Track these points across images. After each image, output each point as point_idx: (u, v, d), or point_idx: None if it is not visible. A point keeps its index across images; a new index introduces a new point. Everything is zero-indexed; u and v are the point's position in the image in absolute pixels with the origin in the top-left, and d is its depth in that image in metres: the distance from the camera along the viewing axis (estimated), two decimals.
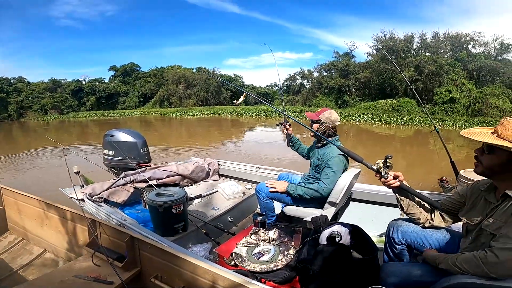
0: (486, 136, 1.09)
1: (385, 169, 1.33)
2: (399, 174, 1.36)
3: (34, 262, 2.06)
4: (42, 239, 2.13)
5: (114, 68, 48.27)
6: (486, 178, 1.20)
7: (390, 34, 28.84)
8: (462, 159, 7.61)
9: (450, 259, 1.12)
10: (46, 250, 2.13)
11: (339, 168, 2.09)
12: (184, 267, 1.28)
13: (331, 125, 2.19)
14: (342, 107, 28.39)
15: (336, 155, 2.09)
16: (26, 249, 2.19)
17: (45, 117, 36.47)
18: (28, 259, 2.08)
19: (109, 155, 3.35)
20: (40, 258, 2.09)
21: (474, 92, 22.64)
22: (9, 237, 2.33)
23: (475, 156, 1.18)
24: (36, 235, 2.16)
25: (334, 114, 2.24)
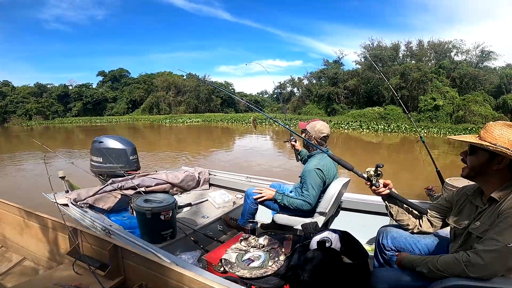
0: (471, 138, 1.16)
1: (376, 177, 1.35)
2: (388, 182, 1.38)
3: (12, 270, 1.97)
4: (21, 247, 2.05)
5: (103, 74, 47.67)
6: (472, 181, 1.24)
7: (377, 42, 29.74)
8: (448, 165, 7.83)
9: (430, 262, 1.13)
10: (26, 258, 2.05)
11: (315, 181, 2.04)
12: (169, 275, 1.25)
13: (314, 135, 2.16)
14: (331, 115, 28.81)
15: (312, 168, 2.05)
16: (4, 256, 2.10)
17: (29, 122, 35.41)
18: (6, 266, 1.99)
19: (97, 161, 3.28)
20: (19, 266, 2.00)
21: (457, 99, 23.40)
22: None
23: (461, 159, 1.23)
24: (15, 243, 2.08)
25: (319, 124, 2.19)
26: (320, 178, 2.06)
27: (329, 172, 2.11)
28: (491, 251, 0.99)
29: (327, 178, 2.11)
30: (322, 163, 2.09)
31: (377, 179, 1.36)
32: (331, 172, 2.15)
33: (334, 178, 2.20)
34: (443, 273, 1.08)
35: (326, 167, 2.10)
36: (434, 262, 1.12)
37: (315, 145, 2.14)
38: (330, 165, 2.14)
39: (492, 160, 1.10)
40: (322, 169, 2.06)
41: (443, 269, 1.08)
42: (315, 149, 2.19)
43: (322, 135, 2.17)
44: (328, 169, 2.11)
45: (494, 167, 1.10)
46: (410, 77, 24.62)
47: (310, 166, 2.09)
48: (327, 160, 2.13)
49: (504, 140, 1.06)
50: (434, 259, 1.14)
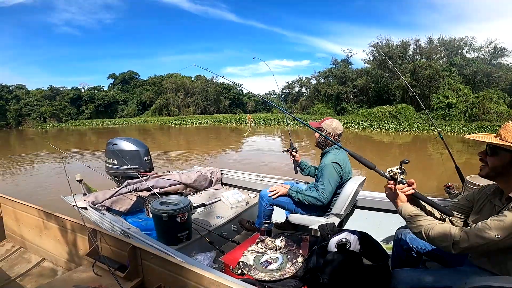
0: (490, 138, 1.14)
1: (401, 175, 1.26)
2: (412, 181, 1.31)
3: (32, 271, 2.01)
4: (40, 248, 2.09)
5: (113, 76, 48.52)
6: (492, 181, 1.21)
7: (386, 40, 29.21)
8: (462, 163, 7.61)
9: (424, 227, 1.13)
10: (45, 259, 2.09)
11: (332, 176, 2.05)
12: (188, 277, 1.25)
13: (332, 132, 2.18)
14: (340, 114, 28.51)
15: (329, 163, 2.07)
16: (24, 257, 2.15)
17: (43, 125, 36.37)
18: (25, 267, 2.03)
19: (112, 163, 3.33)
20: (38, 267, 2.04)
21: (470, 97, 22.77)
22: (7, 245, 2.30)
23: (480, 159, 1.21)
24: (34, 244, 2.13)
25: (335, 122, 2.24)
26: (337, 173, 2.08)
27: (345, 166, 2.13)
28: (481, 237, 1.00)
29: (344, 173, 2.11)
30: (339, 157, 2.11)
31: (403, 177, 1.27)
32: (347, 167, 2.16)
33: (350, 174, 2.20)
34: (429, 241, 1.11)
35: (344, 162, 2.11)
36: (428, 229, 1.12)
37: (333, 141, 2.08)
38: (346, 160, 2.15)
39: None
40: (340, 163, 2.08)
41: (432, 239, 1.10)
42: (330, 145, 2.21)
43: (338, 132, 2.20)
44: (345, 164, 2.12)
45: None
46: (421, 75, 24.08)
47: (326, 161, 2.10)
48: (343, 155, 2.15)
49: None
50: (430, 224, 1.13)
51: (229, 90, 47.12)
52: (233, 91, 47.65)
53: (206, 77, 44.73)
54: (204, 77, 44.67)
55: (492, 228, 0.99)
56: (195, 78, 45.57)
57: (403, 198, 1.26)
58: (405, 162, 1.25)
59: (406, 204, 1.25)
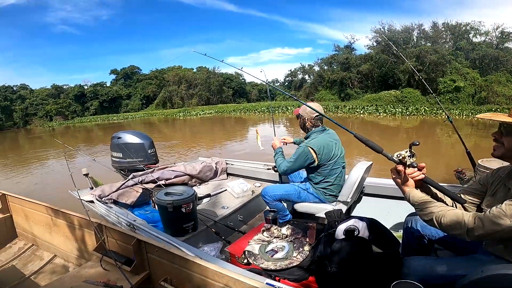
0: (501, 116, 1.09)
1: (411, 158, 1.16)
2: (423, 165, 1.20)
3: (44, 268, 2.05)
4: (51, 245, 2.12)
5: (115, 72, 48.48)
6: (507, 162, 1.16)
7: (388, 26, 28.56)
8: (471, 147, 7.46)
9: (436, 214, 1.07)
10: (56, 255, 2.12)
11: (299, 157, 2.07)
12: (193, 269, 1.25)
13: (307, 117, 2.20)
14: (345, 100, 28.21)
15: (303, 146, 2.09)
16: (36, 255, 2.19)
17: (50, 123, 36.80)
18: (38, 265, 2.07)
19: (117, 157, 3.35)
20: (50, 264, 2.08)
21: (479, 80, 22.34)
22: (19, 243, 2.34)
23: (494, 139, 1.15)
24: (45, 241, 2.16)
25: (311, 107, 2.17)
26: (305, 156, 2.06)
27: (321, 150, 2.06)
28: (496, 224, 0.94)
29: (319, 157, 2.06)
30: (315, 142, 2.08)
31: (413, 161, 1.17)
32: (327, 151, 2.09)
33: (338, 158, 2.15)
34: (442, 229, 1.06)
35: (320, 146, 2.06)
36: (440, 216, 1.06)
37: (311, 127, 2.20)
38: (325, 145, 2.09)
39: None
40: (314, 147, 2.05)
41: (445, 226, 1.04)
42: (310, 129, 2.22)
43: (313, 115, 2.18)
44: (321, 148, 2.06)
45: None
46: (427, 60, 23.61)
47: (303, 143, 2.12)
48: (322, 140, 2.10)
49: None
50: (442, 211, 1.07)
51: (232, 80, 46.76)
52: (236, 81, 47.27)
53: (208, 68, 44.45)
54: (206, 69, 44.37)
55: (508, 214, 0.93)
56: (197, 70, 45.29)
57: (410, 184, 1.19)
58: (415, 144, 1.15)
59: (414, 190, 1.18)
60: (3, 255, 2.20)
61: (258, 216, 2.81)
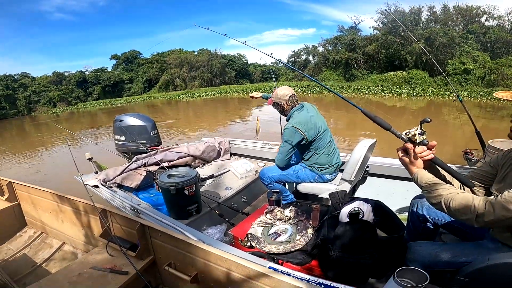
0: None
1: (421, 135, 1.08)
2: (434, 143, 1.11)
3: (54, 256, 2.08)
4: (60, 232, 2.14)
5: (116, 57, 47.76)
6: None
7: (394, 7, 27.47)
8: (479, 129, 7.31)
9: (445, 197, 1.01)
10: (65, 242, 2.15)
11: (290, 138, 2.09)
12: (196, 254, 1.25)
13: (282, 101, 2.23)
14: (350, 80, 27.71)
15: (287, 127, 2.12)
16: (46, 242, 2.22)
17: (54, 109, 36.88)
18: (49, 252, 2.10)
19: (120, 140, 3.33)
20: (60, 251, 2.11)
21: (489, 63, 21.75)
22: (29, 232, 2.37)
23: None
24: (54, 228, 2.18)
25: (280, 90, 2.26)
26: (296, 135, 2.07)
27: (305, 125, 2.07)
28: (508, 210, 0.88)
29: (306, 132, 2.07)
30: (298, 120, 2.11)
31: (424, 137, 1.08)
32: (310, 126, 2.10)
33: (320, 129, 2.14)
34: (450, 213, 1.00)
35: (302, 122, 2.08)
36: (448, 200, 1.00)
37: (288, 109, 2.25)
38: (306, 120, 2.10)
39: None
40: (296, 125, 2.06)
41: (453, 210, 0.99)
42: (288, 111, 2.25)
43: (286, 97, 2.21)
44: (303, 124, 2.08)
45: None
46: (436, 42, 22.90)
47: (287, 126, 2.15)
48: (304, 117, 2.11)
49: None
50: (450, 194, 1.01)
51: (234, 62, 45.97)
52: (238, 62, 46.45)
53: (209, 50, 43.58)
54: (207, 51, 43.50)
55: None
56: (199, 52, 44.44)
57: (419, 164, 1.11)
58: (426, 121, 1.06)
59: (422, 171, 1.11)
60: (14, 244, 2.24)
61: (262, 197, 2.81)
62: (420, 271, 0.97)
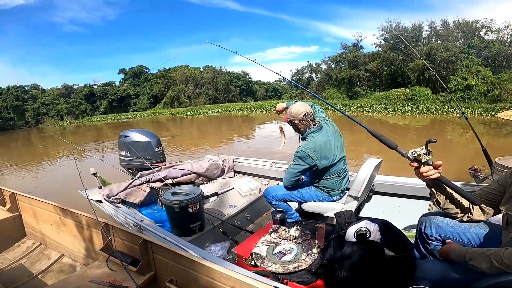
0: None
1: (426, 156, 1.10)
2: (440, 163, 1.13)
3: (52, 267, 2.06)
4: (59, 244, 2.13)
5: (124, 71, 49.07)
6: None
7: (396, 23, 28.11)
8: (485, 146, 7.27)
9: (493, 255, 0.97)
10: (64, 255, 2.13)
11: (299, 163, 2.01)
12: (199, 270, 1.23)
13: (296, 119, 2.10)
14: (353, 98, 27.89)
15: (299, 151, 2.00)
16: (44, 254, 2.20)
17: (61, 122, 37.52)
18: (46, 264, 2.08)
19: (125, 155, 3.36)
20: (58, 263, 2.09)
21: (491, 78, 21.81)
22: (27, 242, 2.36)
23: None
24: (53, 240, 2.17)
25: (294, 108, 2.13)
26: (305, 162, 1.99)
27: (318, 153, 1.97)
28: None
29: (317, 161, 1.98)
30: (311, 146, 1.99)
31: (429, 158, 1.11)
32: (326, 153, 2.00)
33: (336, 157, 2.06)
34: (510, 269, 0.94)
35: (315, 150, 1.97)
36: (498, 256, 0.96)
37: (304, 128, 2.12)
38: (322, 146, 1.99)
39: None
40: (309, 153, 1.96)
41: None
42: (305, 130, 2.12)
43: (300, 115, 2.08)
44: (317, 151, 1.97)
45: None
46: (438, 57, 23.19)
47: (300, 148, 2.03)
48: (317, 142, 2.00)
49: None
50: (497, 252, 0.98)
51: (239, 79, 46.81)
52: (243, 80, 47.29)
53: (214, 67, 44.58)
54: (212, 68, 44.50)
55: None
56: (204, 69, 45.48)
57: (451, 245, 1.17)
58: (431, 141, 1.09)
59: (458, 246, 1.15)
60: (12, 254, 2.23)
61: (266, 215, 2.78)
62: None
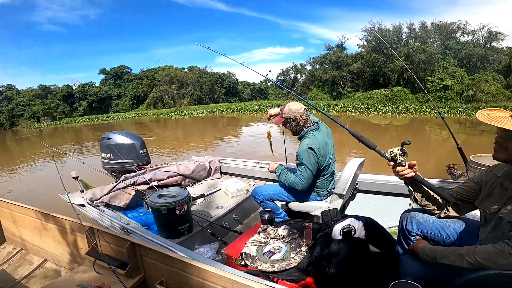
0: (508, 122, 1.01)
1: (401, 156, 1.21)
2: (414, 163, 1.23)
3: (35, 273, 1.99)
4: (41, 249, 2.06)
5: (104, 72, 47.61)
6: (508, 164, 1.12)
7: (378, 25, 29.12)
8: (460, 144, 7.64)
9: (466, 253, 1.02)
10: (47, 259, 2.06)
11: (310, 161, 1.97)
12: (189, 271, 1.22)
13: (297, 115, 2.07)
14: (336, 99, 28.51)
15: (305, 149, 1.98)
16: (26, 259, 2.12)
17: (37, 124, 35.88)
18: (29, 269, 2.01)
19: (107, 158, 3.28)
20: (41, 268, 2.02)
21: (466, 79, 22.98)
22: (7, 248, 2.26)
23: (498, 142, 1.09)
24: (35, 245, 2.09)
25: (292, 105, 2.10)
26: (314, 158, 1.98)
27: (320, 151, 2.00)
28: None
29: (319, 158, 2.00)
30: (315, 141, 2.00)
31: (404, 159, 1.21)
32: (324, 152, 2.04)
33: (329, 158, 2.11)
34: (483, 266, 0.99)
35: (318, 147, 1.99)
36: (471, 254, 1.01)
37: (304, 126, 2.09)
38: (322, 145, 2.03)
39: None
40: (315, 148, 1.97)
41: (484, 261, 0.99)
42: (303, 129, 2.11)
43: (301, 110, 2.07)
44: (319, 149, 2.00)
45: None
46: (416, 59, 24.17)
47: (303, 145, 2.01)
48: (320, 138, 2.03)
49: None
50: (469, 250, 1.03)
51: (224, 80, 46.63)
52: (228, 80, 47.15)
53: (199, 67, 44.22)
54: (197, 68, 44.10)
55: None
56: (188, 70, 44.95)
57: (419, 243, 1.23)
58: (406, 143, 1.19)
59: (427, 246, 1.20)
60: None
61: (254, 215, 2.80)
62: (413, 284, 1.00)
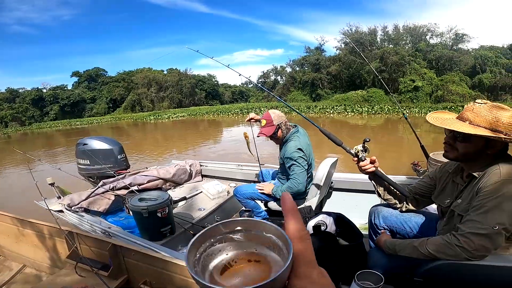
0: (462, 125, 1.07)
1: (363, 152, 1.32)
2: (374, 158, 1.34)
3: (15, 278, 1.95)
4: (20, 255, 2.02)
5: (77, 74, 45.69)
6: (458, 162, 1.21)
7: (355, 28, 30.09)
8: (430, 141, 8.13)
9: (419, 246, 1.11)
10: (26, 265, 2.02)
11: (302, 161, 2.07)
12: (173, 270, 1.26)
13: (283, 120, 2.19)
14: (316, 100, 29.20)
15: (295, 150, 2.06)
16: (4, 265, 2.08)
17: (5, 130, 33.70)
18: (8, 275, 1.97)
19: (84, 164, 3.20)
20: (21, 274, 1.99)
21: (435, 80, 24.31)
22: None
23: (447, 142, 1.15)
24: (12, 251, 2.05)
25: (275, 111, 2.22)
26: (304, 158, 2.09)
27: (306, 151, 2.13)
28: (480, 234, 0.98)
29: (307, 158, 2.14)
30: (301, 142, 2.12)
31: (365, 155, 1.33)
32: (309, 152, 2.19)
33: (312, 159, 2.25)
34: (435, 256, 1.07)
35: (304, 147, 2.12)
36: (423, 246, 1.10)
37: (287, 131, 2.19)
38: (306, 145, 2.17)
39: (487, 147, 1.05)
40: (302, 148, 2.09)
41: (435, 253, 1.07)
42: (287, 133, 2.20)
43: (284, 117, 2.20)
44: (306, 149, 2.13)
45: (488, 151, 1.06)
46: (389, 61, 25.28)
47: (291, 148, 2.08)
48: (302, 141, 2.15)
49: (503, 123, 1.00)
50: (422, 242, 1.12)
51: (204, 82, 46.23)
52: (208, 83, 46.81)
53: (179, 70, 43.56)
54: (177, 70, 43.42)
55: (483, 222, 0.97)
56: (168, 72, 44.15)
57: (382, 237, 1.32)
58: (366, 140, 1.32)
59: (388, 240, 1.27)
60: None
61: (235, 216, 2.86)
62: (376, 273, 1.10)
